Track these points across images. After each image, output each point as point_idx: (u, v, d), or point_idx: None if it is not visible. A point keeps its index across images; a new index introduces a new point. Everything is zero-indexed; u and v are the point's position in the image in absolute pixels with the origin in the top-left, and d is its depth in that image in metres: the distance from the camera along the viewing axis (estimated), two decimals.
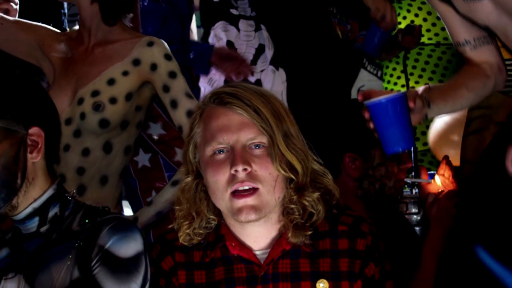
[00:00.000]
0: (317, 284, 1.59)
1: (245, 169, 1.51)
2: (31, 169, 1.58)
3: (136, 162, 2.53)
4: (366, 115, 1.84)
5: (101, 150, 2.24)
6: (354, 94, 4.04)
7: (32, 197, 1.59)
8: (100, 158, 2.24)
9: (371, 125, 1.85)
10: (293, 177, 1.56)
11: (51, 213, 1.61)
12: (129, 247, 1.57)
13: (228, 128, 1.55)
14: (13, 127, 1.55)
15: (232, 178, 1.52)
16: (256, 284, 1.58)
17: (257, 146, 1.54)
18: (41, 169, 1.61)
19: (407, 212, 2.34)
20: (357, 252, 1.60)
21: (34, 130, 1.58)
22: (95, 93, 2.22)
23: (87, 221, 1.60)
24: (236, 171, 1.51)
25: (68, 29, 2.86)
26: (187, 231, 1.60)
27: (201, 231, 1.61)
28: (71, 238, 1.58)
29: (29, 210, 1.59)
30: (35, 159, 1.58)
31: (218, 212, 1.62)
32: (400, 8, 3.57)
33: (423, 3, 3.52)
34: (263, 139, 1.54)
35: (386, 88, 3.58)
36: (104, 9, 2.27)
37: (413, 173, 2.50)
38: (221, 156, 1.55)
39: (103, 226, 1.57)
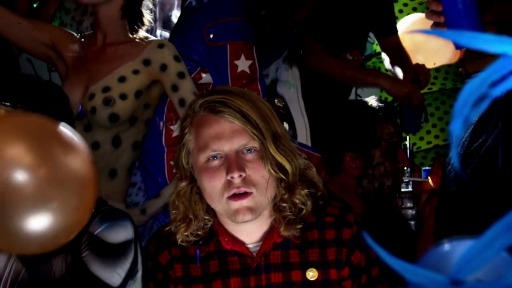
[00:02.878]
0: (306, 273, 1.68)
1: (240, 175, 1.60)
2: None
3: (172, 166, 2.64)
4: (439, 8, 1.82)
5: (110, 144, 2.36)
6: (352, 93, 4.14)
7: None
8: (109, 151, 2.36)
9: (442, 19, 1.89)
10: (284, 177, 1.65)
11: None
12: (118, 233, 1.67)
13: (221, 136, 1.63)
14: None
15: (229, 184, 1.61)
16: (249, 276, 1.67)
17: (249, 150, 1.63)
18: None
19: (403, 207, 2.41)
20: (343, 241, 1.69)
21: None
22: (106, 89, 2.34)
23: None
24: (232, 177, 1.60)
25: None
26: (185, 233, 1.69)
27: (199, 232, 1.70)
28: None
29: None
30: None
31: (212, 212, 1.72)
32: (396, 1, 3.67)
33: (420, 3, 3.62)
34: (255, 144, 1.63)
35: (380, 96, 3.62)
36: (131, 23, 2.43)
37: (408, 169, 2.58)
38: (216, 162, 1.63)
39: (95, 215, 1.67)
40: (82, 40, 2.53)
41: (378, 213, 2.34)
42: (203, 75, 2.66)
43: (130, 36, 2.45)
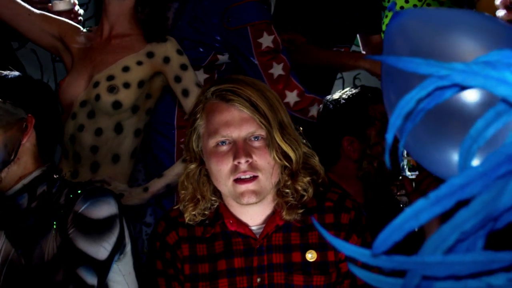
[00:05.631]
0: (306, 254, 1.79)
1: (247, 161, 1.71)
2: (19, 150, 1.85)
3: (182, 150, 2.76)
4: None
5: (113, 131, 2.48)
6: (350, 83, 4.25)
7: (17, 175, 1.85)
8: (111, 138, 2.49)
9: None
10: (288, 164, 1.76)
11: (39, 190, 1.85)
12: (102, 209, 1.79)
13: (230, 123, 1.74)
14: (13, 110, 1.83)
15: (235, 168, 1.72)
16: (252, 256, 1.79)
17: (256, 138, 1.74)
18: (29, 152, 1.87)
19: (397, 194, 2.50)
20: (341, 225, 1.80)
21: (27, 116, 1.86)
22: (110, 78, 2.47)
23: (71, 195, 1.82)
24: (239, 162, 1.71)
25: None
26: (193, 212, 1.80)
27: (206, 212, 1.82)
28: (57, 211, 1.81)
29: (19, 186, 1.84)
30: (22, 141, 1.85)
31: (218, 193, 1.83)
32: None
33: None
34: (262, 132, 1.74)
35: None
36: (148, 34, 2.56)
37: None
38: (224, 147, 1.74)
39: (80, 195, 1.80)
40: (88, 32, 2.66)
41: (377, 199, 2.43)
42: (219, 56, 2.80)
43: (137, 30, 2.57)
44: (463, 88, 0.53)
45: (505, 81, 0.51)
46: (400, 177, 2.46)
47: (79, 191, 1.82)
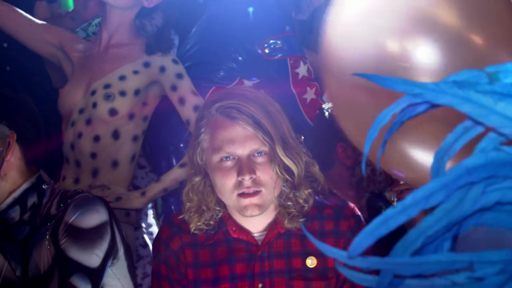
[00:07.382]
0: (306, 261, 1.86)
1: (251, 177, 1.78)
2: (4, 166, 1.88)
3: None
4: None
5: (111, 137, 2.56)
6: None
7: (6, 190, 1.88)
8: (109, 144, 2.57)
9: None
10: (290, 179, 1.82)
11: (30, 202, 1.89)
12: (92, 218, 1.83)
13: (234, 140, 1.80)
14: None
15: (239, 184, 1.78)
16: (254, 262, 1.86)
17: (260, 153, 1.80)
18: (15, 167, 1.90)
19: (393, 200, 2.55)
20: (341, 232, 1.87)
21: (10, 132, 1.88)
22: (107, 86, 2.56)
23: (62, 204, 1.87)
24: (243, 179, 1.78)
25: None
26: (198, 223, 1.86)
27: (211, 222, 1.87)
28: (49, 221, 1.85)
29: (9, 200, 1.88)
30: (5, 157, 1.87)
31: (222, 204, 1.89)
32: None
33: None
34: (265, 148, 1.80)
35: None
36: (150, 48, 2.64)
37: None
38: (228, 163, 1.80)
39: (70, 204, 1.85)
40: (87, 41, 2.75)
41: (371, 203, 2.48)
42: (245, 81, 2.89)
43: (134, 40, 2.65)
44: (433, 105, 0.60)
45: (470, 100, 0.57)
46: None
47: (68, 200, 1.86)
